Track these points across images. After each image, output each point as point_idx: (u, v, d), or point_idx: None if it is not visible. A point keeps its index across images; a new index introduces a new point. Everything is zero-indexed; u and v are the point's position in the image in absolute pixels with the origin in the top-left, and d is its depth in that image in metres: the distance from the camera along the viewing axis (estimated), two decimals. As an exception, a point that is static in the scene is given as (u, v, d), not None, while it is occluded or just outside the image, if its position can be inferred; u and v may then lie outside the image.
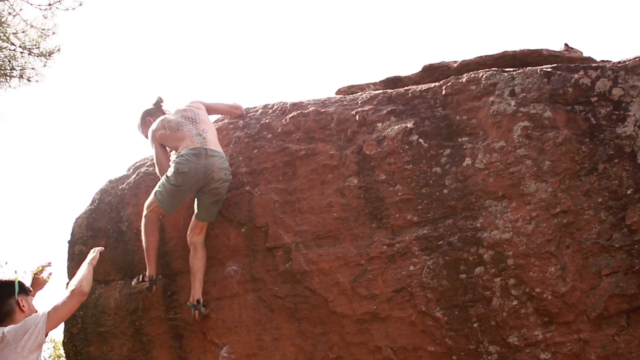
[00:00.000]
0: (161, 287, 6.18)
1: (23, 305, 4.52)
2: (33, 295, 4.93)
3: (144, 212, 6.03)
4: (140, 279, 6.00)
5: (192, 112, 6.20)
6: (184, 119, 6.10)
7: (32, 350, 4.30)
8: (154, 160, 6.26)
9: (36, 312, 4.64)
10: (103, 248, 5.70)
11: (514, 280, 4.65)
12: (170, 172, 5.81)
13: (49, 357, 14.65)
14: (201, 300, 5.73)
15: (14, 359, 4.20)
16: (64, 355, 8.21)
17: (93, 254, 5.54)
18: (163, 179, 5.89)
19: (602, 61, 5.59)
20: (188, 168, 5.67)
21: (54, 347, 14.60)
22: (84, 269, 5.17)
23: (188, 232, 5.91)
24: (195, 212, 5.85)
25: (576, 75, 4.87)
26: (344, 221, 5.33)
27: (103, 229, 6.78)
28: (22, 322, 4.36)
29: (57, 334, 14.43)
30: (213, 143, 5.90)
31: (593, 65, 4.95)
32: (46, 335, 4.53)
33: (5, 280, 4.55)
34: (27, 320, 4.36)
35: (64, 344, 7.04)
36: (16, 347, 4.23)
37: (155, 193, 5.93)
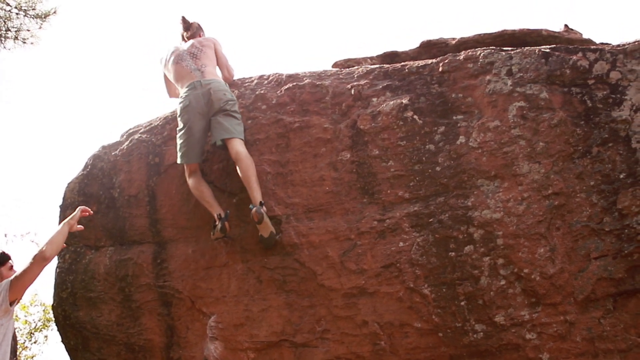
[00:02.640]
0: (151, 255, 6.19)
1: None
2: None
3: (188, 182, 5.93)
4: (213, 229, 5.69)
5: (197, 47, 6.32)
6: (186, 54, 6.27)
7: None
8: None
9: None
10: (85, 208, 5.38)
11: (502, 260, 4.65)
12: (178, 119, 5.98)
13: (39, 321, 14.73)
14: (263, 203, 5.43)
15: None
16: (53, 319, 8.24)
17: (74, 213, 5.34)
18: (177, 136, 5.99)
19: (602, 44, 5.56)
20: (188, 101, 5.85)
21: (43, 310, 14.69)
22: (55, 231, 4.97)
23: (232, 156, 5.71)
24: (220, 140, 5.73)
25: (574, 57, 4.83)
26: (336, 195, 5.31)
27: (95, 194, 6.77)
28: None
29: (47, 297, 14.49)
30: (210, 74, 6.05)
31: (592, 47, 4.91)
32: (14, 303, 4.48)
33: None
34: None
35: (53, 308, 7.07)
36: None
37: (179, 158, 5.93)
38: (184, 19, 6.73)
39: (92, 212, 5.38)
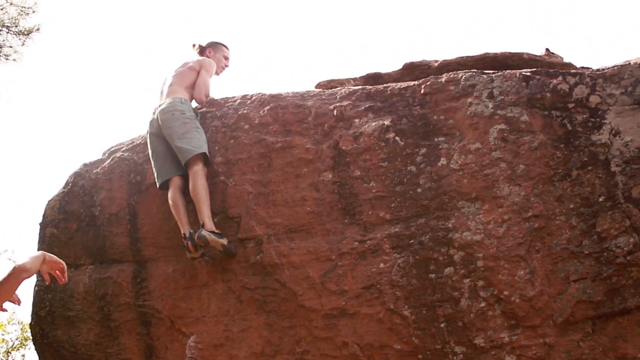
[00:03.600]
0: (131, 274, 6.16)
1: None
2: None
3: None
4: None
5: (182, 68, 6.59)
6: (170, 75, 6.62)
7: None
8: None
9: None
10: (63, 268, 4.17)
11: (482, 282, 4.65)
12: None
13: (16, 339, 14.59)
14: (206, 224, 5.47)
15: None
16: (31, 338, 8.16)
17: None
18: None
19: (582, 68, 5.61)
20: (148, 126, 6.23)
21: (21, 329, 14.55)
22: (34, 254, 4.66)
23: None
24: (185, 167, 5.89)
25: (555, 81, 4.87)
26: (317, 215, 5.31)
27: (75, 212, 6.73)
28: None
29: (25, 316, 14.37)
30: (170, 94, 6.27)
31: (572, 71, 4.96)
32: None
33: None
34: None
35: (31, 326, 7.00)
36: None
37: (156, 182, 6.07)
38: (193, 44, 6.99)
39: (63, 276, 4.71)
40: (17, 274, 4.05)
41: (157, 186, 6.00)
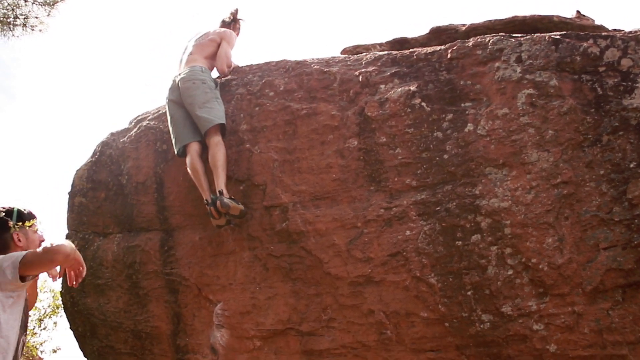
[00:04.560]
0: (159, 242, 6.19)
1: (19, 240, 4.00)
2: (35, 231, 4.21)
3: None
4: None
5: (202, 38, 6.62)
6: (191, 43, 6.64)
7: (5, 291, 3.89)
8: None
9: (40, 241, 4.25)
10: (81, 271, 4.23)
11: (510, 249, 4.59)
12: None
13: (48, 307, 14.80)
14: (224, 192, 5.54)
15: None
16: (62, 305, 8.26)
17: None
18: None
19: (614, 30, 5.47)
20: (168, 93, 6.23)
21: (53, 297, 14.74)
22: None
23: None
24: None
25: (585, 44, 4.75)
26: (343, 182, 5.27)
27: (103, 181, 6.77)
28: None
29: (56, 284, 14.55)
30: (190, 62, 6.30)
31: (603, 34, 4.82)
32: (28, 278, 3.79)
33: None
34: (4, 257, 3.76)
35: (61, 294, 7.11)
36: None
37: (174, 149, 6.10)
38: (223, 20, 6.98)
39: (80, 278, 4.31)
40: (55, 253, 3.87)
41: (175, 152, 6.01)
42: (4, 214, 4.03)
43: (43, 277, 14.54)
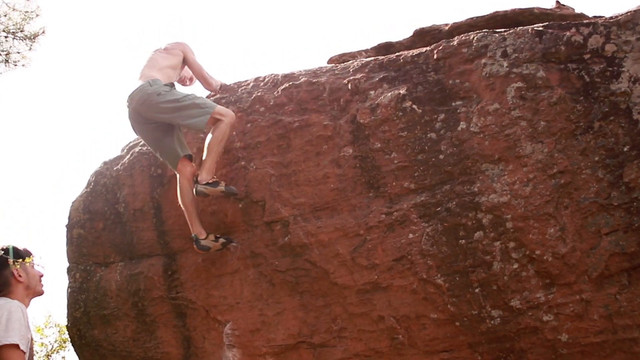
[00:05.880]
0: (161, 267, 6.18)
1: (19, 275, 4.02)
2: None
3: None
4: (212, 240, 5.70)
5: (156, 52, 6.24)
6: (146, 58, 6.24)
7: None
8: None
9: (40, 276, 4.28)
10: None
11: (513, 243, 4.61)
12: None
13: (55, 342, 14.70)
14: (202, 177, 5.54)
15: None
16: (69, 339, 8.23)
17: None
18: None
19: (595, 17, 5.50)
20: (128, 119, 5.97)
21: (58, 331, 14.65)
22: None
23: None
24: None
25: (568, 33, 4.78)
26: (341, 192, 5.29)
27: (100, 211, 6.76)
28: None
29: (61, 318, 14.47)
30: (143, 76, 5.90)
31: (585, 22, 4.85)
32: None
33: None
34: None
35: (68, 328, 7.08)
36: None
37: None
38: None
39: None
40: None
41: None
42: (2, 252, 4.05)
43: (48, 313, 14.49)
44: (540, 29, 4.90)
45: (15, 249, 4.12)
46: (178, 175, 5.79)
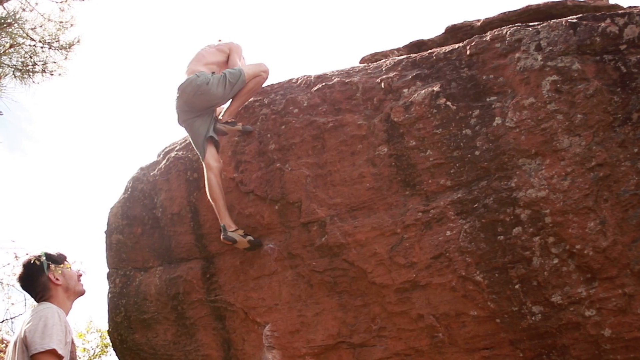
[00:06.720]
0: (200, 270, 6.21)
1: (57, 279, 4.06)
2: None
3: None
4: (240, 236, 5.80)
5: (206, 48, 6.62)
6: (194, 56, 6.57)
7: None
8: None
9: (79, 275, 4.32)
10: None
11: (553, 238, 4.56)
12: None
13: (97, 347, 14.87)
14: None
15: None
16: (110, 344, 8.31)
17: None
18: None
19: (630, 7, 5.44)
20: (175, 108, 6.24)
21: (100, 336, 14.82)
22: None
23: None
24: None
25: (603, 24, 4.73)
26: (377, 191, 5.27)
27: (138, 216, 6.82)
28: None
29: (102, 323, 14.65)
30: (190, 71, 6.26)
31: (620, 12, 4.80)
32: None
33: (29, 259, 4.09)
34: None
35: (109, 333, 7.14)
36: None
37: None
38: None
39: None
40: None
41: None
42: (36, 260, 4.09)
43: (89, 318, 14.67)
44: (575, 20, 4.84)
45: (47, 255, 4.17)
46: (205, 169, 5.97)
